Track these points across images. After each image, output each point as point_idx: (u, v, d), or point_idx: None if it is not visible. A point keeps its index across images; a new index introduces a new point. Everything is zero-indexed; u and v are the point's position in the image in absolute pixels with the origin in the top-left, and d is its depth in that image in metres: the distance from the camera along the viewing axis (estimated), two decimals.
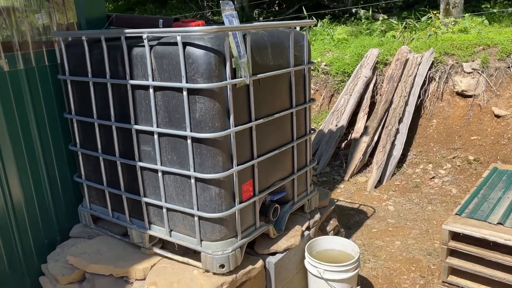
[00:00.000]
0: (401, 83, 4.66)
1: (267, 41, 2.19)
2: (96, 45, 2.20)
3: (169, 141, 2.06)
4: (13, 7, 2.56)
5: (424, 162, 4.42)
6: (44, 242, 2.54)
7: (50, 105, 2.49)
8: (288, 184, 2.50)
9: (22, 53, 2.37)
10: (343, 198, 3.99)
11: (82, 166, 2.51)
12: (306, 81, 2.50)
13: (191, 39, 1.87)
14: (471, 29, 5.35)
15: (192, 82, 1.89)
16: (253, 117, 2.10)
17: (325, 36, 6.38)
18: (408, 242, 3.21)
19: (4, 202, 2.33)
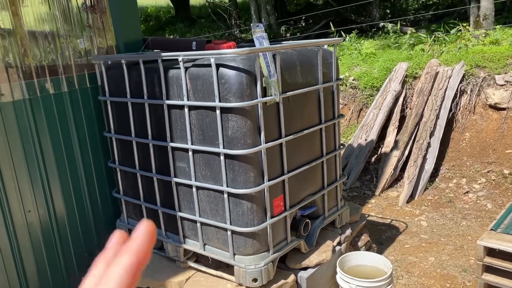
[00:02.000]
0: (432, 97, 4.62)
1: (296, 60, 2.26)
2: (134, 68, 2.33)
3: (203, 158, 2.14)
4: (58, 33, 2.75)
5: (458, 176, 4.34)
6: (85, 256, 2.66)
7: (91, 124, 2.64)
8: (319, 199, 2.54)
9: (66, 76, 2.53)
10: (374, 213, 3.96)
11: (120, 182, 2.63)
12: (335, 97, 2.55)
13: (224, 61, 1.97)
14: (502, 41, 5.26)
15: (224, 101, 1.97)
16: (283, 134, 2.16)
17: (353, 50, 6.41)
18: (442, 258, 3.16)
19: (48, 216, 2.47)
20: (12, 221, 2.33)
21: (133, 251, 0.37)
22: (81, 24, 2.76)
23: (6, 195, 2.29)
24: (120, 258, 0.36)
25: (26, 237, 2.39)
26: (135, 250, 0.37)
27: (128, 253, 0.37)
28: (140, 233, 0.38)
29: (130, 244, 0.37)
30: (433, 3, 11.63)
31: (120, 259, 0.36)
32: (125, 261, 0.36)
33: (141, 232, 0.38)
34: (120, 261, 0.36)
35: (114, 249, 0.39)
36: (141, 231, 0.38)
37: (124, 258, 0.36)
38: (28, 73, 2.43)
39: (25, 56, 2.66)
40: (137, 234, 0.38)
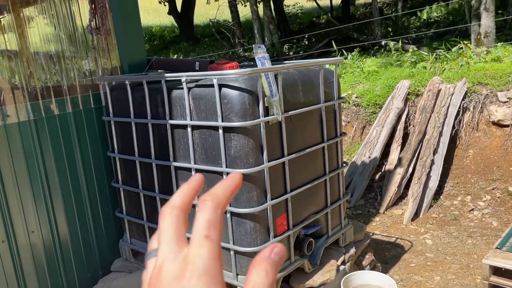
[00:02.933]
0: (434, 114, 4.63)
1: (298, 79, 2.28)
2: (138, 88, 2.36)
3: (206, 177, 2.14)
4: (63, 54, 2.80)
5: (462, 193, 4.31)
6: (88, 276, 2.64)
7: (95, 144, 2.66)
8: (322, 217, 2.53)
9: (70, 97, 2.57)
10: (378, 232, 3.93)
11: (123, 202, 2.64)
12: (337, 116, 2.57)
13: (226, 81, 1.99)
14: (504, 58, 5.29)
15: (227, 121, 1.99)
16: (285, 152, 2.17)
17: (355, 68, 6.46)
18: (448, 277, 3.11)
19: (51, 236, 2.47)
20: (15, 241, 2.33)
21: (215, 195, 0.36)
22: (86, 46, 2.81)
23: (10, 215, 2.30)
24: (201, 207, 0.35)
25: (29, 258, 2.39)
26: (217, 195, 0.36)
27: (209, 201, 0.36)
28: (228, 178, 0.37)
29: (213, 189, 0.36)
30: (435, 21, 11.75)
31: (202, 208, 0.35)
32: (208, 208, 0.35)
33: (229, 178, 0.38)
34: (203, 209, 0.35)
35: None
36: (229, 177, 0.38)
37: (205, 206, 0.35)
38: (34, 95, 2.46)
39: (31, 78, 2.70)
40: (223, 180, 0.37)
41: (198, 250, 0.33)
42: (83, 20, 2.77)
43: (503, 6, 9.80)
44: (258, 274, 0.33)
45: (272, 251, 0.35)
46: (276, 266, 0.34)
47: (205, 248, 0.33)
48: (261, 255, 0.34)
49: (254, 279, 0.33)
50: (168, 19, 19.22)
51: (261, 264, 0.34)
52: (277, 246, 0.35)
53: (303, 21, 16.52)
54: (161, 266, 0.33)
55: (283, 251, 0.35)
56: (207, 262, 0.32)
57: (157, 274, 0.33)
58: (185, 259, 0.33)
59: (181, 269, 0.32)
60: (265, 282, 0.33)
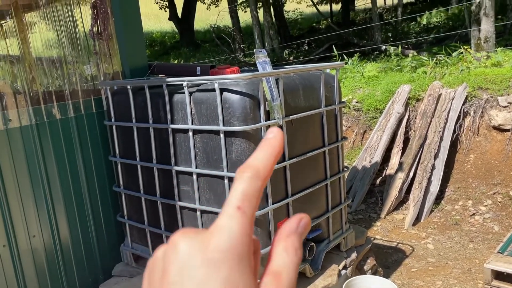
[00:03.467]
0: (435, 119, 4.63)
1: (299, 84, 2.29)
2: (140, 93, 2.37)
3: (207, 181, 2.15)
4: (65, 59, 2.81)
5: (463, 198, 4.31)
6: (88, 281, 2.64)
7: (97, 149, 2.66)
8: (323, 222, 2.52)
9: (72, 101, 2.58)
10: (380, 236, 3.92)
11: (124, 206, 2.64)
12: (338, 120, 2.57)
13: (228, 86, 2.00)
14: (504, 63, 5.30)
15: (228, 125, 2.00)
16: (286, 157, 2.18)
17: (355, 73, 6.47)
18: (450, 282, 3.11)
19: (53, 241, 2.47)
20: (17, 246, 2.33)
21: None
22: (88, 51, 2.82)
23: (11, 219, 2.30)
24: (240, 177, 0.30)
25: (31, 262, 2.38)
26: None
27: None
28: (268, 141, 0.32)
29: (251, 159, 0.31)
30: (435, 26, 11.79)
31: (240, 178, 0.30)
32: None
33: (269, 140, 0.32)
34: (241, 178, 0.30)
35: None
36: (269, 137, 0.32)
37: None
38: (36, 99, 2.47)
39: (33, 82, 2.72)
40: (263, 143, 0.32)
41: (227, 221, 0.28)
42: (85, 25, 2.78)
43: (503, 11, 9.84)
44: (287, 251, 0.29)
45: (299, 223, 0.30)
46: (301, 239, 0.30)
47: (236, 220, 0.28)
48: (288, 228, 0.30)
49: (282, 257, 0.29)
50: (169, 25, 19.30)
51: (289, 239, 0.29)
52: (304, 217, 0.31)
53: (303, 27, 16.59)
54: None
55: (309, 223, 0.31)
56: (235, 237, 0.28)
57: (175, 245, 0.28)
58: (211, 230, 0.28)
59: (204, 239, 0.28)
60: (295, 259, 0.29)
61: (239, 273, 0.27)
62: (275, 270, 0.29)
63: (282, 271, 0.29)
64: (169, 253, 0.28)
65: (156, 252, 0.30)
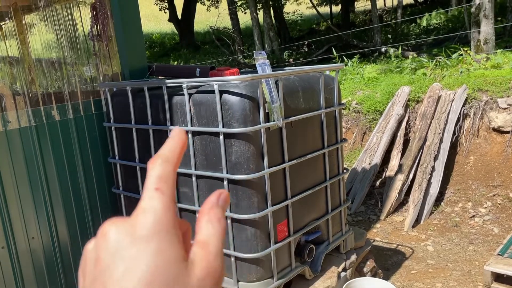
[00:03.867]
0: (435, 120, 4.63)
1: (298, 85, 2.29)
2: (139, 94, 2.37)
3: (206, 183, 2.15)
4: (64, 61, 2.81)
5: (463, 200, 4.30)
6: None
7: (96, 150, 2.66)
8: (323, 224, 2.52)
9: (72, 103, 2.57)
10: (379, 238, 3.91)
11: (124, 208, 2.63)
12: (337, 122, 2.57)
13: (227, 87, 2.00)
14: (504, 65, 5.31)
15: (228, 127, 1.99)
16: (286, 159, 2.17)
17: (355, 75, 6.48)
18: (450, 284, 3.10)
19: (52, 243, 2.46)
20: (15, 247, 2.32)
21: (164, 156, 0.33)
22: (88, 52, 2.82)
23: (10, 221, 2.30)
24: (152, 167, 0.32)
25: (29, 264, 2.38)
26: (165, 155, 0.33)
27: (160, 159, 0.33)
28: (173, 136, 0.35)
29: (161, 149, 0.34)
30: (434, 28, 11.81)
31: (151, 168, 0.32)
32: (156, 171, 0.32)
33: (173, 135, 0.35)
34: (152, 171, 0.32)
35: None
36: (173, 134, 0.35)
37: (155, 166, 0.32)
38: (35, 101, 2.47)
39: (32, 84, 2.71)
40: (169, 138, 0.35)
41: (149, 201, 0.30)
42: (84, 26, 2.78)
43: (503, 13, 9.85)
44: (211, 222, 0.32)
45: (219, 197, 0.33)
46: (224, 212, 0.33)
47: (156, 199, 0.30)
48: (209, 202, 0.33)
49: (207, 228, 0.31)
50: (169, 26, 19.32)
51: (211, 211, 0.32)
52: (223, 192, 0.34)
53: (303, 28, 16.60)
54: None
55: (229, 196, 0.34)
56: (159, 213, 0.29)
57: (105, 232, 0.30)
58: (135, 213, 0.30)
59: (131, 223, 0.29)
60: (219, 229, 0.32)
61: (168, 244, 0.29)
62: (202, 240, 0.31)
63: (208, 240, 0.31)
64: (99, 243, 0.30)
65: (87, 245, 0.31)
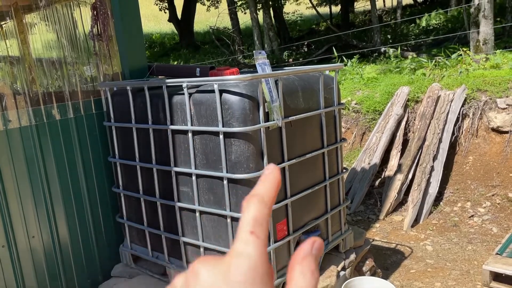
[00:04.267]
0: (434, 120, 4.64)
1: (298, 85, 2.30)
2: (139, 94, 2.38)
3: (206, 182, 2.16)
4: (65, 60, 2.81)
5: (462, 200, 4.31)
6: (88, 282, 2.64)
7: (96, 150, 2.67)
8: (322, 223, 2.53)
9: (72, 102, 2.58)
10: (379, 238, 3.92)
11: (124, 207, 2.64)
12: (337, 122, 2.58)
13: (227, 87, 2.01)
14: (503, 65, 5.32)
15: (228, 126, 2.00)
16: (285, 158, 2.18)
17: (355, 75, 6.49)
18: (449, 284, 3.11)
19: (52, 242, 2.47)
20: (16, 246, 2.33)
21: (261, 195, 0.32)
22: (88, 52, 2.83)
23: (10, 220, 2.30)
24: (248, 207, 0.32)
25: (30, 263, 2.39)
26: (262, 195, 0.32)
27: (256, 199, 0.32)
28: (267, 174, 0.34)
29: (256, 188, 0.33)
30: (434, 28, 11.82)
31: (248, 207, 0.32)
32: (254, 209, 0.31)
33: (267, 174, 0.34)
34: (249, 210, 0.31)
35: None
36: (267, 172, 0.34)
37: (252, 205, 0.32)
38: (35, 100, 2.48)
39: (33, 83, 2.72)
40: (263, 176, 0.34)
41: (244, 246, 0.29)
42: (85, 26, 2.79)
43: (502, 13, 9.86)
44: (304, 274, 0.30)
45: (313, 246, 0.31)
46: (318, 262, 0.31)
47: (251, 244, 0.29)
48: (302, 251, 0.31)
49: (300, 281, 0.30)
50: (168, 26, 19.32)
51: (304, 262, 0.31)
52: (317, 240, 0.32)
53: (302, 28, 16.61)
54: None
55: (322, 245, 0.32)
56: (254, 259, 0.29)
57: (196, 273, 0.29)
58: (229, 256, 0.29)
59: (225, 266, 0.29)
60: (313, 282, 0.30)
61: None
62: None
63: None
64: (190, 281, 0.29)
65: (175, 280, 0.31)
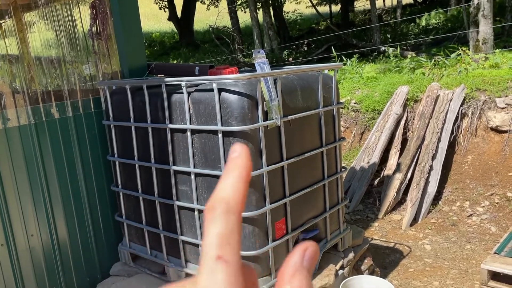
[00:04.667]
0: (433, 120, 4.65)
1: (297, 84, 2.30)
2: (138, 93, 2.38)
3: (205, 181, 2.16)
4: (64, 59, 2.81)
5: (461, 199, 4.32)
6: (86, 280, 2.64)
7: (95, 148, 2.67)
8: (321, 222, 2.53)
9: (71, 101, 2.58)
10: (377, 237, 3.93)
11: (122, 205, 2.64)
12: (336, 121, 2.58)
13: (226, 86, 2.01)
14: (502, 65, 5.32)
15: (226, 125, 2.00)
16: (284, 157, 2.18)
17: (354, 74, 6.49)
18: (447, 283, 3.12)
19: (51, 240, 2.47)
20: (15, 245, 2.33)
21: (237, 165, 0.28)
22: (87, 50, 2.83)
23: (9, 218, 2.31)
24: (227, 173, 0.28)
25: (28, 261, 2.39)
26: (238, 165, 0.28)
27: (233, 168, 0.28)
28: (237, 151, 0.29)
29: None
30: (433, 28, 11.82)
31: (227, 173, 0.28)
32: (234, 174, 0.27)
33: (238, 150, 0.29)
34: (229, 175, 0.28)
35: None
36: (237, 150, 0.29)
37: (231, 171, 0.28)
38: (34, 99, 2.48)
39: (32, 82, 2.72)
40: (234, 153, 0.29)
41: (211, 277, 0.24)
42: (84, 25, 2.79)
43: (501, 13, 9.86)
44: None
45: (304, 257, 0.27)
46: (310, 274, 0.27)
47: (219, 273, 0.24)
48: (292, 264, 0.27)
49: None
50: (168, 25, 19.31)
51: (294, 280, 0.26)
52: (309, 248, 0.27)
53: (302, 28, 16.60)
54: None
55: (316, 252, 0.28)
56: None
57: None
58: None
59: None
60: None
61: None
62: None
63: None
64: None
65: None
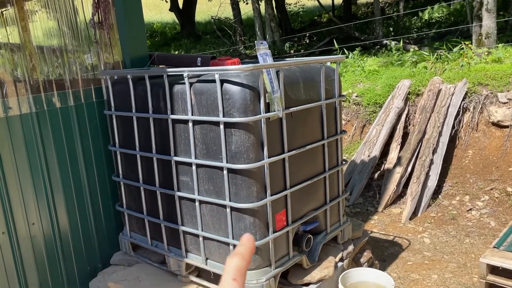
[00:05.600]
0: (434, 114, 4.64)
1: (299, 76, 2.30)
2: (140, 83, 2.37)
3: (206, 172, 2.16)
4: (66, 48, 2.81)
5: (461, 193, 4.33)
6: (87, 269, 2.66)
7: (96, 138, 2.67)
8: (321, 214, 2.54)
9: (72, 90, 2.58)
10: (377, 230, 3.94)
11: (123, 196, 2.65)
12: (337, 114, 2.58)
13: (228, 77, 2.00)
14: (505, 59, 5.30)
15: (228, 116, 2.00)
16: (286, 149, 2.18)
17: (356, 67, 6.47)
18: (446, 276, 3.13)
19: (52, 229, 2.48)
20: (16, 233, 2.34)
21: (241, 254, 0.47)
22: (89, 40, 2.82)
23: (10, 207, 2.31)
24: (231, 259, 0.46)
25: (29, 249, 2.40)
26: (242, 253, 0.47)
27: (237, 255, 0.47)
28: (245, 240, 0.49)
29: (238, 248, 0.48)
30: (436, 22, 11.76)
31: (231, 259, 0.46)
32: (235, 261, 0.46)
33: (246, 240, 0.49)
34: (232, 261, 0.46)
35: None
36: (245, 239, 0.49)
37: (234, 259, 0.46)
38: (36, 87, 2.47)
39: (33, 71, 2.71)
40: (242, 241, 0.49)
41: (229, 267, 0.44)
42: (86, 14, 2.78)
43: (505, 7, 9.81)
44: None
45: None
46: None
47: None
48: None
49: None
50: (170, 16, 19.21)
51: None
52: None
53: (304, 20, 16.52)
54: None
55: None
56: None
57: None
58: None
59: None
60: None
61: None
62: None
63: None
64: None
65: None
